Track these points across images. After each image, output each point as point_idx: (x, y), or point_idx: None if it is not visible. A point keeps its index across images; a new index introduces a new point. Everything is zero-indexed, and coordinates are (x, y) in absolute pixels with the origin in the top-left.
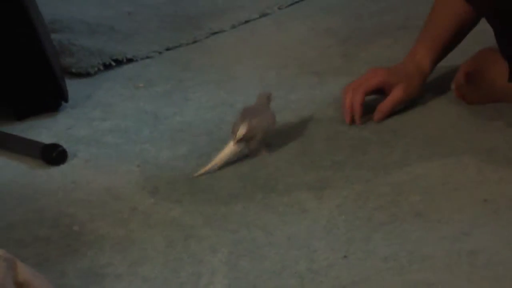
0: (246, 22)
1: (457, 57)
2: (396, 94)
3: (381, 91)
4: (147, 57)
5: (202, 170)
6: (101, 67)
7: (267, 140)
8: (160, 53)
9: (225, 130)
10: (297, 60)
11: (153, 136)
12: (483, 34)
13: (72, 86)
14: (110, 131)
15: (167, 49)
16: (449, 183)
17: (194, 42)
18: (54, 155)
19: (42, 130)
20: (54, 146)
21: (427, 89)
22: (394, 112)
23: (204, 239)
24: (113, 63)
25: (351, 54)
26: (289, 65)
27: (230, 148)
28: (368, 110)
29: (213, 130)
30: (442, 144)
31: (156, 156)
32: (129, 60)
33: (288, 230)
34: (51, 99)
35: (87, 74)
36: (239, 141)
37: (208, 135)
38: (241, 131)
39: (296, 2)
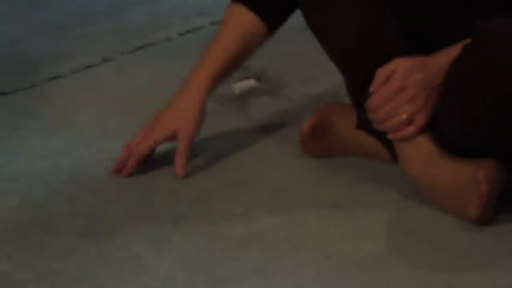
0: (88, 67)
1: (303, 111)
2: (181, 148)
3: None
4: None
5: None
6: None
7: None
8: None
9: (61, 179)
10: (140, 107)
11: None
12: (330, 87)
13: None
14: None
15: (3, 94)
16: (292, 239)
17: (32, 87)
18: None
19: None
20: None
21: (273, 143)
22: (238, 165)
23: None
24: None
25: None
26: (132, 112)
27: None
28: None
29: (48, 179)
30: (287, 198)
31: None
32: None
33: (124, 286)
34: None
35: None
36: None
37: (42, 186)
38: None
39: (140, 48)
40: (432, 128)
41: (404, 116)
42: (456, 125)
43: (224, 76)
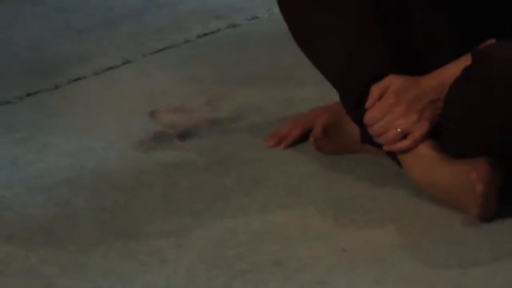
0: (109, 68)
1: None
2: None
3: None
4: (7, 103)
5: None
6: None
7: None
8: (20, 98)
9: (85, 176)
10: (160, 106)
11: (11, 183)
12: None
13: None
14: None
15: (28, 95)
16: (307, 232)
17: (56, 88)
18: None
19: None
20: None
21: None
22: (255, 161)
23: None
24: None
25: (214, 103)
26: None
27: None
28: None
29: (73, 177)
30: (302, 193)
31: (13, 203)
32: None
33: (147, 279)
34: None
35: None
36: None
37: (67, 182)
38: None
39: (160, 50)
40: (434, 136)
41: (398, 130)
42: (454, 143)
43: None
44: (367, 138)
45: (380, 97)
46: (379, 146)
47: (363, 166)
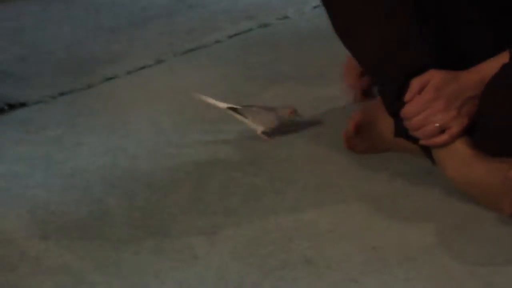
0: (141, 68)
1: (347, 109)
2: None
3: None
4: (40, 102)
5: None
6: None
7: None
8: (53, 97)
9: (118, 175)
10: (192, 106)
11: (45, 181)
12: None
13: None
14: (1, 176)
15: (61, 94)
16: (338, 231)
17: (88, 87)
18: None
19: None
20: None
21: (318, 139)
22: (286, 161)
23: (95, 286)
24: (6, 107)
25: (244, 102)
26: (184, 111)
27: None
28: None
29: (106, 175)
30: (333, 192)
31: (47, 201)
32: (22, 105)
33: (180, 277)
34: None
35: None
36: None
37: (100, 181)
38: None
39: (191, 50)
40: (469, 133)
41: (437, 125)
42: (492, 132)
43: None
44: (401, 132)
45: (420, 91)
46: (413, 140)
47: (395, 165)
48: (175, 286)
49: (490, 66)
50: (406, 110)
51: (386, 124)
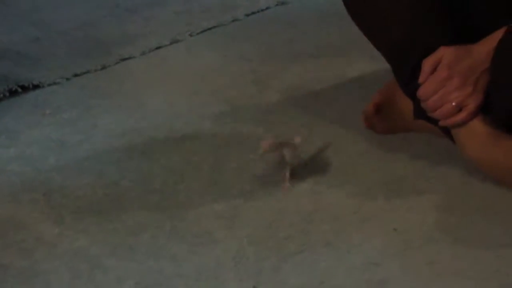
0: (157, 48)
1: (367, 89)
2: None
3: None
4: (55, 83)
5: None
6: (7, 93)
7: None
8: (68, 79)
9: (134, 157)
10: (209, 87)
11: (59, 164)
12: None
13: None
14: (15, 159)
15: (75, 75)
16: (359, 213)
17: (103, 68)
18: None
19: None
20: None
21: (338, 120)
22: (306, 141)
23: (110, 270)
24: (19, 89)
25: (263, 82)
26: (200, 92)
27: None
28: None
29: (121, 158)
30: (353, 174)
31: (62, 184)
32: (36, 86)
33: (197, 261)
34: None
35: None
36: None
37: (116, 163)
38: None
39: (208, 29)
40: (486, 110)
41: (453, 103)
42: (508, 101)
43: None
44: (420, 113)
45: (433, 71)
46: (433, 121)
47: (415, 146)
48: (192, 270)
49: (500, 35)
50: (421, 92)
51: (406, 103)
